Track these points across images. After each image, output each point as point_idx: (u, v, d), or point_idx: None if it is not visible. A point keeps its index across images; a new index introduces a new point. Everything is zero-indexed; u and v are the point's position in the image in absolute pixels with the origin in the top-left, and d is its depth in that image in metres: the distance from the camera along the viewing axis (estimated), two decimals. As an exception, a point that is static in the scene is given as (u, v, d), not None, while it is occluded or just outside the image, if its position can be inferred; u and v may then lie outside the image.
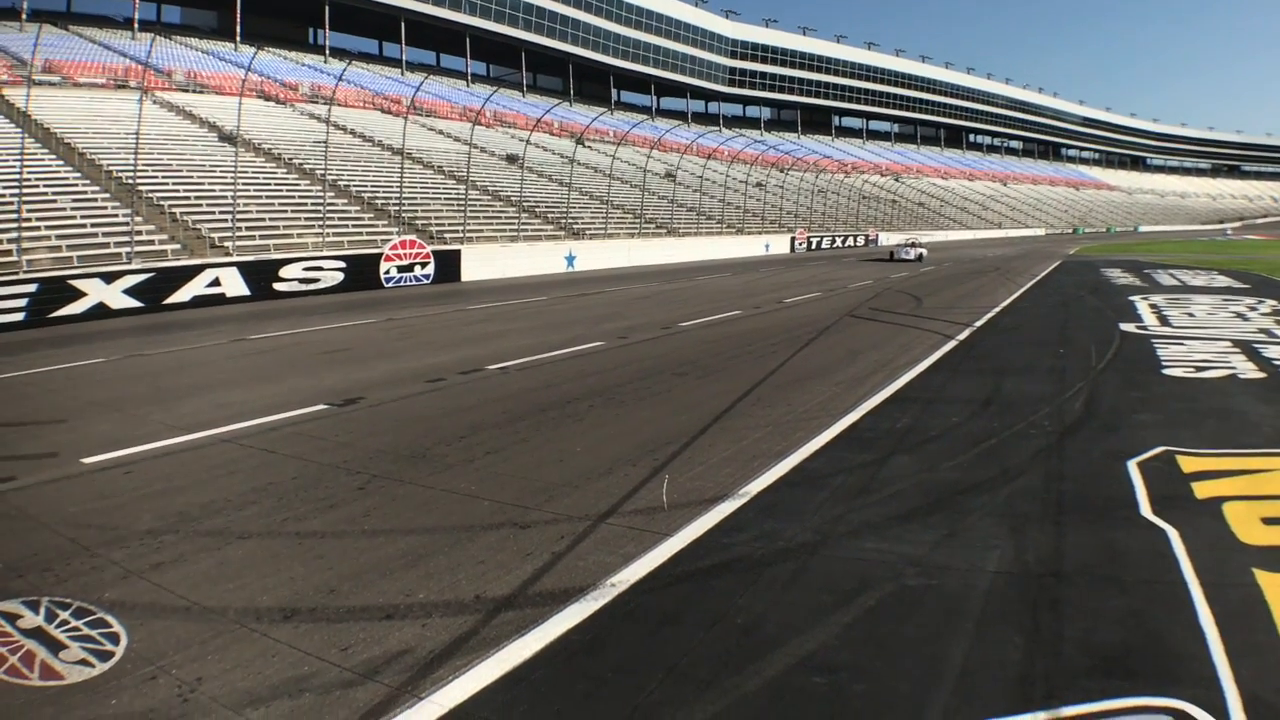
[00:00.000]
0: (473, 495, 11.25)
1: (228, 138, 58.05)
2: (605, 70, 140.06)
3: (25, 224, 36.52)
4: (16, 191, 37.49)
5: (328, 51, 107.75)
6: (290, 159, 60.17)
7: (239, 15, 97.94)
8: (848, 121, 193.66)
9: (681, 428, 14.73)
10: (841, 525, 9.89)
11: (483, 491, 11.38)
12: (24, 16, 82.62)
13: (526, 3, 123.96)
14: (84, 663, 7.27)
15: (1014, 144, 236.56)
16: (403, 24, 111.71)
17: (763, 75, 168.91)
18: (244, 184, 48.22)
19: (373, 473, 12.40)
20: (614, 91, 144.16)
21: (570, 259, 59.28)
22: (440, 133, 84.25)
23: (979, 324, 28.49)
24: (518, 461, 12.94)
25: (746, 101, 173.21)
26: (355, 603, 8.21)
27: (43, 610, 8.27)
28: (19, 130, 48.67)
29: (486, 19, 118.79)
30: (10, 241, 36.03)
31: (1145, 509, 10.24)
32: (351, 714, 6.39)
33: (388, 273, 46.37)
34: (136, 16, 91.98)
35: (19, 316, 31.64)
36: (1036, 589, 8.22)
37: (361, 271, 44.89)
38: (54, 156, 48.82)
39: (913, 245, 77.61)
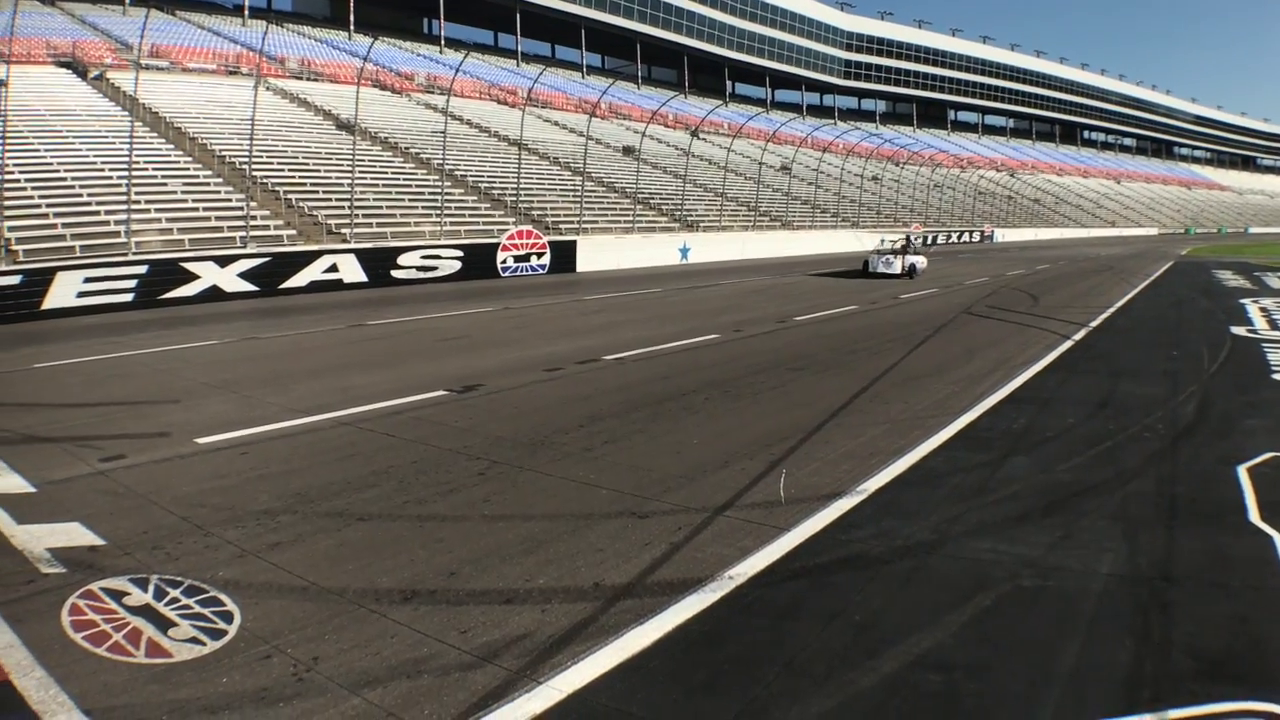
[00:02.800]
0: (591, 484, 11.31)
1: (345, 126, 58.78)
2: (720, 62, 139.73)
3: (134, 206, 37.21)
4: (125, 174, 38.22)
5: (443, 42, 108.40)
6: (407, 148, 60.75)
7: (352, 4, 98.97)
8: (963, 115, 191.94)
9: (798, 423, 14.68)
10: (959, 525, 9.86)
11: (601, 480, 11.43)
12: (127, 2, 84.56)
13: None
14: (194, 640, 7.37)
15: (1127, 141, 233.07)
16: (518, 15, 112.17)
17: (878, 68, 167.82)
18: (361, 172, 48.73)
19: (492, 459, 12.51)
20: (728, 84, 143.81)
21: (684, 251, 59.25)
22: (556, 124, 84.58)
23: (1094, 324, 28.19)
24: (635, 452, 13.00)
25: (861, 95, 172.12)
26: (475, 586, 8.28)
27: (151, 588, 8.40)
28: (125, 113, 49.66)
29: (602, 10, 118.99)
30: (118, 223, 36.74)
31: (1254, 514, 10.16)
32: (470, 696, 6.45)
33: (504, 262, 46.76)
34: (247, 3, 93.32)
35: (128, 297, 32.62)
36: (1147, 592, 8.19)
37: (478, 260, 45.32)
38: (163, 140, 49.68)
39: (901, 252, 50.69)
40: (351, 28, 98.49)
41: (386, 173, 54.68)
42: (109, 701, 6.50)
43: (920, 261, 52.01)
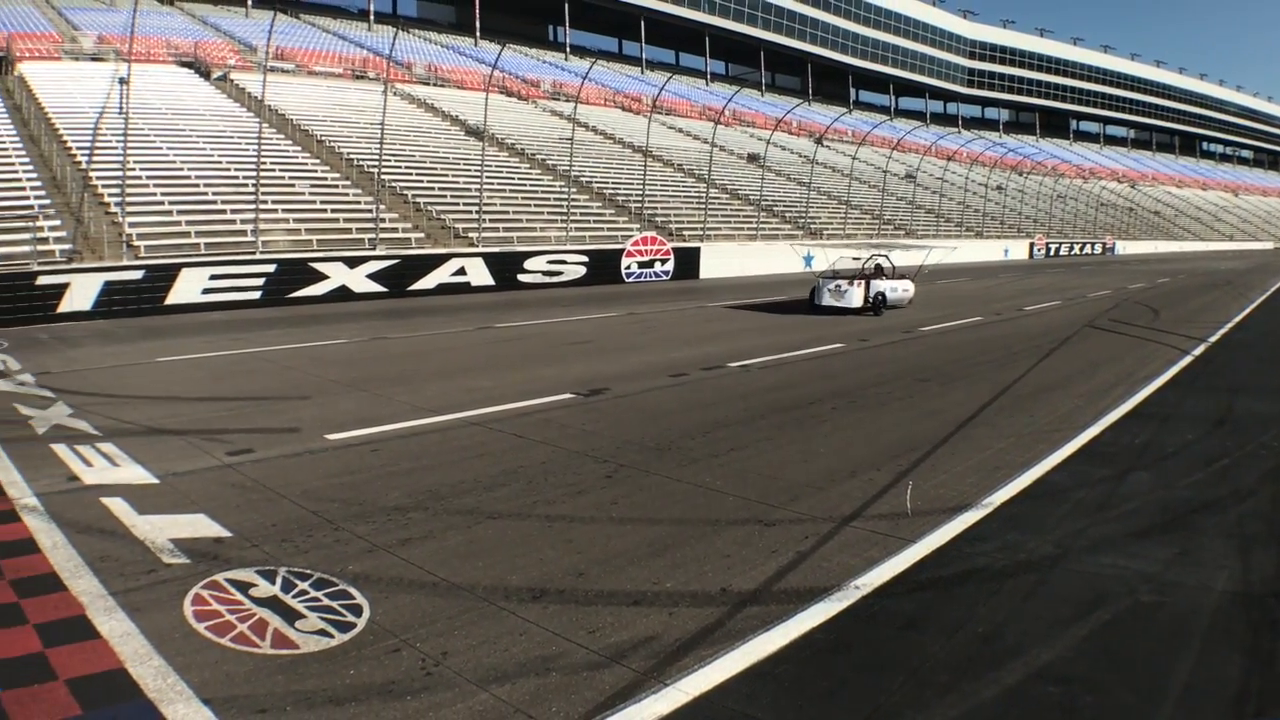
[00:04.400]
0: (718, 490, 11.39)
1: (474, 132, 59.28)
2: (843, 70, 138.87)
3: (262, 206, 37.87)
4: (251, 174, 38.99)
5: (568, 49, 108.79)
6: (534, 154, 61.05)
7: (478, 11, 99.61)
8: (1085, 125, 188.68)
9: (924, 434, 14.72)
10: (1081, 540, 9.84)
11: (728, 487, 11.51)
12: (249, 2, 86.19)
13: (766, 2, 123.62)
14: (322, 633, 7.54)
15: (1245, 153, 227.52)
16: (642, 22, 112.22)
17: (1000, 76, 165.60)
18: (488, 177, 49.02)
19: (620, 462, 12.67)
20: (852, 91, 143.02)
21: (809, 259, 58.95)
22: (680, 131, 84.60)
23: (1213, 339, 27.90)
24: (762, 459, 13.06)
25: (984, 103, 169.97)
26: (603, 587, 8.40)
27: (279, 580, 8.61)
28: (249, 114, 50.67)
29: (725, 18, 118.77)
30: (244, 222, 37.46)
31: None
32: (597, 695, 6.55)
33: (628, 268, 46.89)
34: (372, 8, 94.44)
35: (255, 295, 33.42)
36: (1259, 610, 8.18)
37: (603, 266, 45.57)
38: (290, 142, 50.51)
39: (864, 277, 35.51)
40: (477, 34, 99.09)
41: (513, 178, 55.06)
42: (230, 691, 6.67)
43: (898, 289, 36.54)
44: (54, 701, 6.51)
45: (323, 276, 34.54)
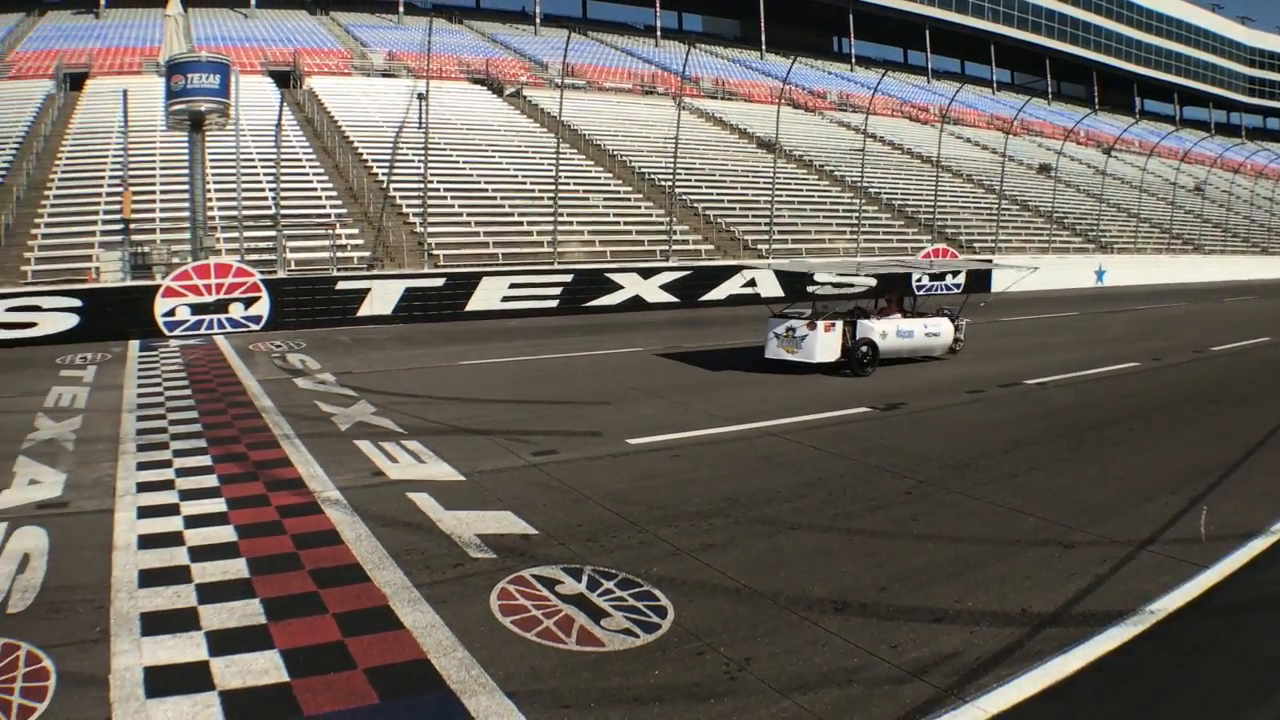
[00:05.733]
0: (1017, 510, 11.33)
1: (765, 145, 59.51)
2: (1128, 78, 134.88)
3: (560, 220, 38.78)
4: (546, 187, 40.00)
5: (853, 60, 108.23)
6: (821, 165, 61.03)
7: (763, 24, 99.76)
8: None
9: (1218, 458, 14.29)
10: (1376, 569, 9.50)
11: (1027, 507, 11.44)
12: (538, 20, 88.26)
13: (1050, 9, 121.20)
14: (627, 632, 7.73)
15: None
16: (927, 32, 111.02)
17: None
18: (777, 189, 49.05)
19: (919, 478, 12.68)
20: (1136, 100, 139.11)
21: (1100, 273, 57.66)
22: (967, 140, 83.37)
23: None
24: (1060, 480, 12.92)
25: (1266, 113, 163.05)
26: (905, 603, 8.43)
27: (585, 578, 8.86)
28: (542, 129, 51.91)
29: (1010, 25, 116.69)
30: (540, 234, 38.51)
31: None
32: (898, 709, 6.59)
33: (918, 280, 46.33)
34: (659, 25, 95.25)
35: (551, 303, 34.47)
36: None
37: (892, 278, 44.85)
38: (583, 156, 51.67)
39: (834, 318, 22.52)
40: (763, 47, 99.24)
41: (802, 190, 55.14)
42: (535, 686, 6.90)
43: (907, 333, 23.68)
44: (350, 690, 6.86)
45: (618, 286, 35.24)
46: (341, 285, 31.63)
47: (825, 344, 21.83)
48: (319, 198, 39.82)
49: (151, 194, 37.56)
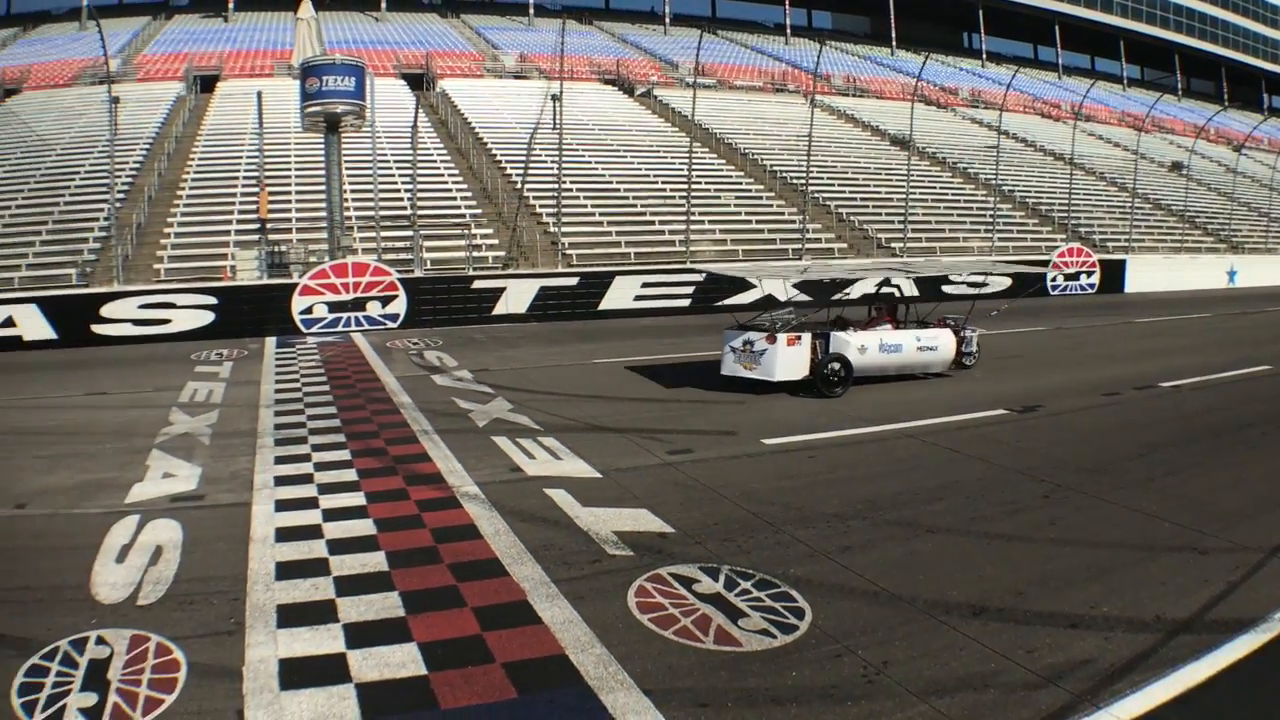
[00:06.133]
0: (1153, 515, 11.13)
1: (898, 142, 59.11)
2: (1255, 74, 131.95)
3: (691, 219, 38.96)
4: (678, 187, 40.28)
5: (984, 56, 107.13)
6: (954, 163, 60.46)
7: (892, 20, 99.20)
8: None
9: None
10: None
11: (1163, 512, 11.23)
12: (667, 21, 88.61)
13: (1179, 4, 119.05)
14: (765, 633, 7.73)
15: None
16: (1056, 28, 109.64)
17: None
18: (910, 187, 48.79)
19: (1055, 482, 12.51)
20: (1264, 96, 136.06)
21: (1232, 274, 56.55)
22: (1098, 138, 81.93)
23: None
24: (1196, 484, 12.67)
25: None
26: (1041, 608, 8.34)
27: (722, 578, 8.88)
28: (673, 128, 52.10)
29: (1139, 21, 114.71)
30: (673, 233, 38.75)
31: None
32: (1033, 715, 6.56)
33: (1053, 280, 45.71)
34: (788, 23, 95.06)
35: (684, 302, 34.92)
36: None
37: (1026, 277, 44.35)
38: (714, 155, 51.72)
39: (798, 329, 19.22)
40: (893, 44, 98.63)
41: (934, 188, 54.67)
42: (672, 684, 6.94)
43: (892, 347, 20.31)
44: (489, 684, 6.97)
45: (750, 285, 35.22)
46: (477, 284, 32.23)
47: (787, 360, 18.81)
48: (454, 198, 40.35)
49: (286, 194, 38.31)
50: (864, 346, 19.47)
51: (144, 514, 11.13)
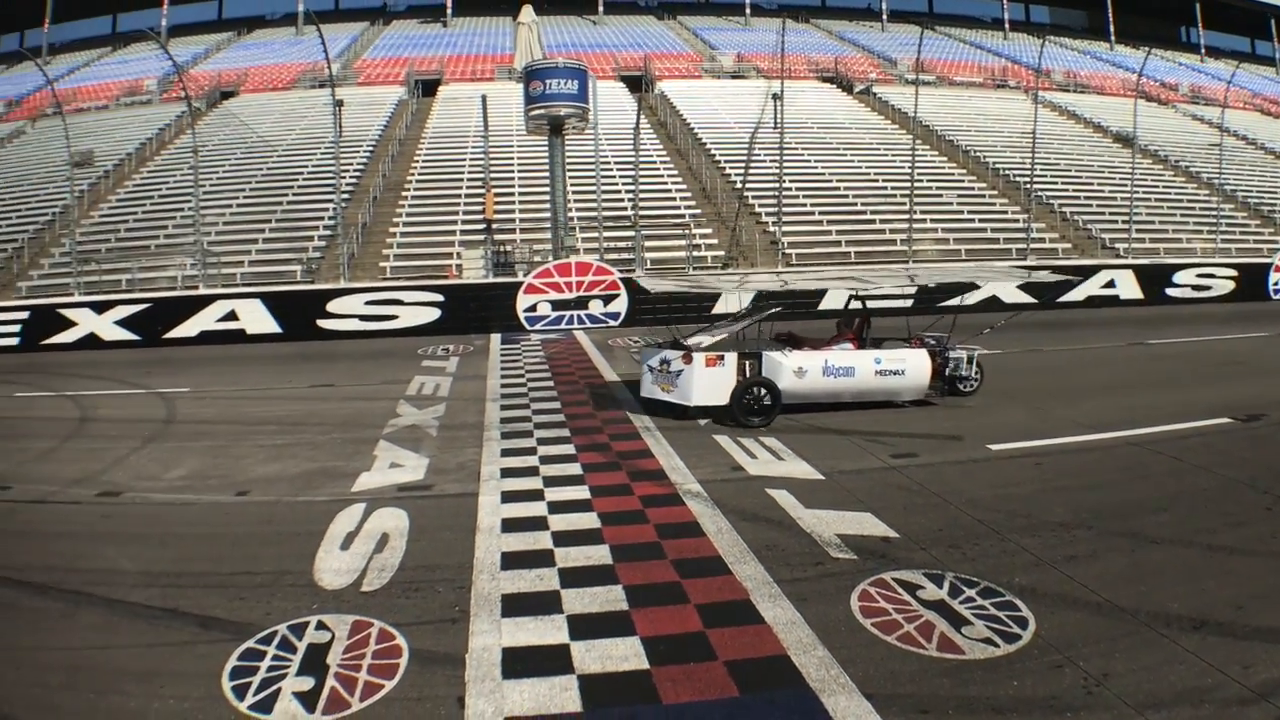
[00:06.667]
0: (1382, 529, 10.74)
1: (1121, 139, 57.69)
2: None
3: (913, 218, 38.74)
4: (900, 184, 40.51)
5: (1203, 50, 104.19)
6: (1176, 161, 58.85)
7: (1110, 14, 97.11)
8: None
9: None
10: None
11: (1396, 526, 10.82)
12: (884, 17, 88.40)
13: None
14: (988, 641, 7.68)
15: None
16: (1272, 21, 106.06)
17: None
18: (1133, 186, 47.83)
19: (1278, 494, 12.08)
20: None
21: None
22: (1324, 136, 79.62)
23: None
24: None
25: None
26: (1261, 623, 8.15)
27: (947, 584, 8.84)
28: (893, 125, 51.71)
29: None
30: (893, 232, 38.86)
31: None
32: (1243, 731, 6.50)
33: (1275, 284, 44.09)
34: (1007, 17, 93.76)
35: (905, 304, 33.49)
36: None
37: (1249, 281, 42.97)
38: (935, 152, 51.59)
39: (702, 348, 16.91)
40: (1112, 38, 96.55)
41: (1157, 187, 53.30)
42: (893, 689, 6.96)
43: (840, 370, 17.30)
44: (710, 681, 7.08)
45: (974, 286, 34.88)
46: (696, 287, 32.23)
47: (705, 383, 16.61)
48: (674, 199, 40.81)
49: (510, 195, 39.04)
50: (802, 369, 16.94)
51: (370, 502, 11.60)
